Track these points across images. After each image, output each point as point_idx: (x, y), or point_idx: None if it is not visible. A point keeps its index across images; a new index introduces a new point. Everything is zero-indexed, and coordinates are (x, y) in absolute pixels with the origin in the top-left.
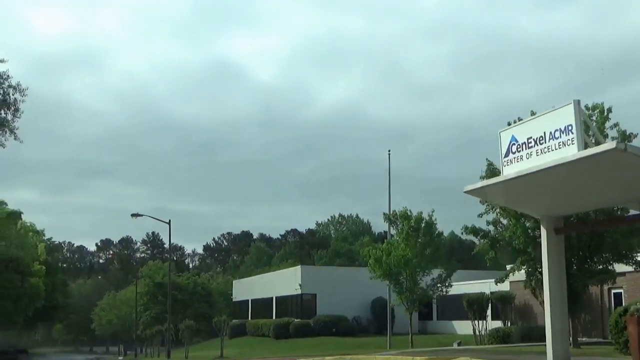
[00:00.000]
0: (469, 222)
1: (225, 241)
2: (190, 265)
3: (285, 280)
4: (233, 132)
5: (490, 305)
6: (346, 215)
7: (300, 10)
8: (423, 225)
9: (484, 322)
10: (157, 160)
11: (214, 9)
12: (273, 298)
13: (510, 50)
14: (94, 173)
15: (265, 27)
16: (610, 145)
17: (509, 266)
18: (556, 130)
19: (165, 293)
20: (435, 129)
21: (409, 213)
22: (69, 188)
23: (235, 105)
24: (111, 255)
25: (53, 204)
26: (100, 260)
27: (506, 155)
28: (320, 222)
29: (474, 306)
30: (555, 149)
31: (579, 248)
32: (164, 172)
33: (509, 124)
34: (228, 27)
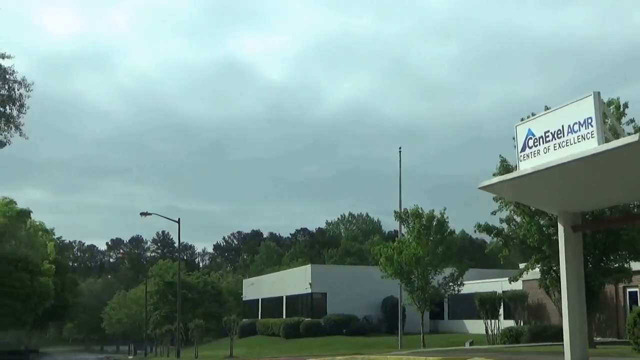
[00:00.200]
0: (481, 220)
1: (235, 240)
2: (200, 265)
3: (295, 280)
4: (242, 131)
5: (502, 304)
6: (356, 214)
7: (308, 9)
8: (435, 223)
9: (496, 322)
10: (167, 159)
11: (223, 8)
12: (283, 297)
13: (520, 48)
14: (103, 172)
15: (274, 26)
16: (633, 138)
17: (522, 264)
18: (575, 123)
19: (175, 292)
20: (444, 127)
21: (420, 211)
22: (79, 187)
23: (244, 104)
24: (121, 255)
25: (63, 203)
26: (111, 260)
27: (522, 149)
28: (330, 221)
29: (486, 305)
30: (575, 143)
31: (594, 246)
32: (173, 171)
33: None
34: (237, 26)
